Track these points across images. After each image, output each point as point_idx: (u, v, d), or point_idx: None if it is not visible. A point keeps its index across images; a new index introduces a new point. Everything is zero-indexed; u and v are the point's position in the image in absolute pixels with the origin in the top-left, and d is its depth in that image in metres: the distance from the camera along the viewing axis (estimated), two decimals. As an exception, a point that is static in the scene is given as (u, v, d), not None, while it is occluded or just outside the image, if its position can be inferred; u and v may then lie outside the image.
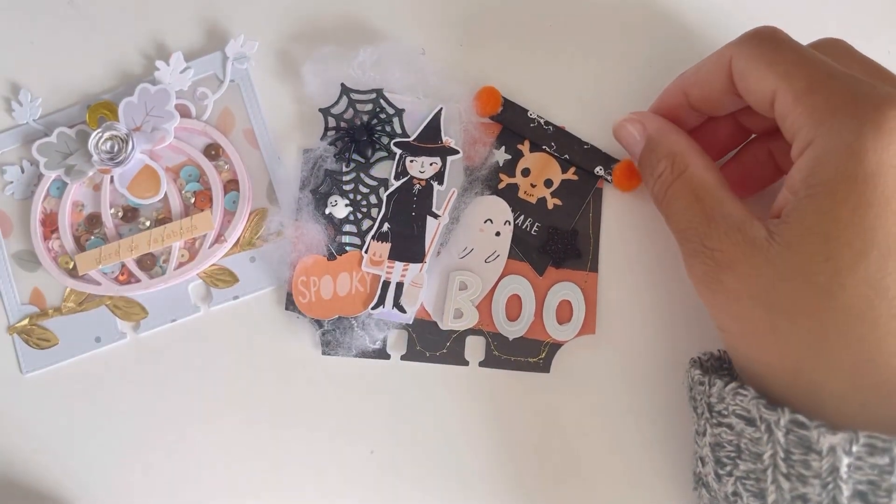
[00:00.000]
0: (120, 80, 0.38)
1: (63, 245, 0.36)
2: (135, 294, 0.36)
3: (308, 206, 0.36)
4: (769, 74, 0.28)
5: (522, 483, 0.35)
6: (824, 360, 0.26)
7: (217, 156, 0.37)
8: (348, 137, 0.36)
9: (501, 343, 0.35)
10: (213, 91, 0.37)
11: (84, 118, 0.37)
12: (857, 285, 0.25)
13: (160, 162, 0.36)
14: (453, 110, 0.36)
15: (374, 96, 0.36)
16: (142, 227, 0.36)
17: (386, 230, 0.35)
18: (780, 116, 0.28)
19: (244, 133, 0.37)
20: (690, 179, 0.30)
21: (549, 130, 0.36)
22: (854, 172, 0.25)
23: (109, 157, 0.35)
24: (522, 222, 0.36)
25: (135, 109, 0.36)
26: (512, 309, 0.35)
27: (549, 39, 0.37)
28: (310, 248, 0.35)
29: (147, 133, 0.36)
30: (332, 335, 0.35)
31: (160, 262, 0.36)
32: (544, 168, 0.36)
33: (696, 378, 0.30)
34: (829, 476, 0.25)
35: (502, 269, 0.36)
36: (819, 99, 0.26)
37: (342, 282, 0.35)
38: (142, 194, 0.36)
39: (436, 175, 0.35)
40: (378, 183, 0.36)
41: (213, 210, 0.36)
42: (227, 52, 0.37)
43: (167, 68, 0.37)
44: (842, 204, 0.25)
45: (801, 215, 0.26)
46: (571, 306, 0.35)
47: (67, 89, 0.38)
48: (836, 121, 0.26)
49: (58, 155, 0.36)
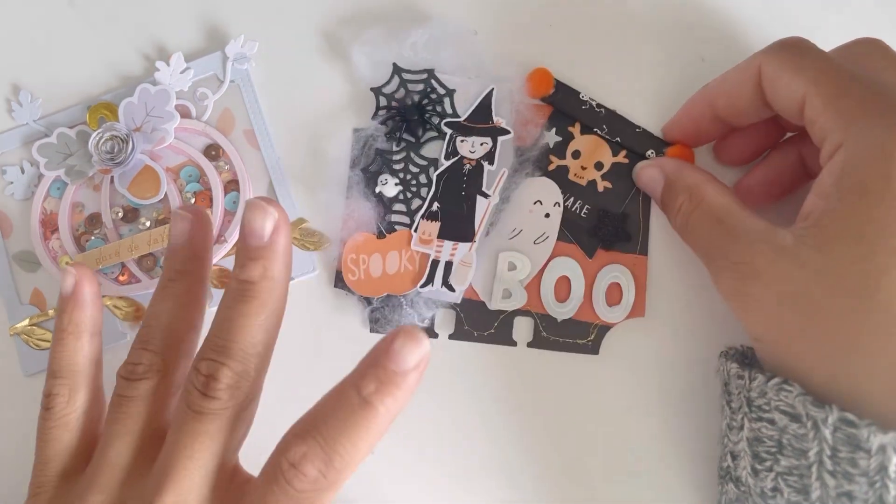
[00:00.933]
0: (120, 80, 0.38)
1: (63, 245, 0.36)
2: (135, 294, 0.36)
3: (358, 185, 0.36)
4: (798, 80, 0.28)
5: (568, 465, 0.35)
6: (861, 362, 0.26)
7: (217, 156, 0.37)
8: (399, 117, 0.36)
9: (550, 324, 0.35)
10: (214, 91, 0.37)
11: (84, 119, 0.37)
12: (894, 285, 0.25)
13: (160, 162, 0.36)
14: (505, 91, 0.36)
15: (426, 76, 0.36)
16: (142, 227, 0.36)
17: (436, 209, 0.35)
18: (810, 121, 0.29)
19: (244, 133, 0.37)
20: (709, 206, 0.31)
21: (600, 113, 0.36)
22: (887, 173, 0.25)
23: (110, 158, 0.35)
24: (572, 204, 0.36)
25: (135, 110, 0.36)
26: (561, 290, 0.35)
27: (605, 25, 0.37)
28: (360, 225, 0.35)
29: (147, 133, 0.36)
30: (381, 313, 0.35)
31: (160, 262, 0.36)
32: (595, 151, 0.36)
33: (733, 372, 0.30)
34: (877, 475, 0.25)
35: (551, 251, 0.35)
36: (848, 102, 0.27)
37: (391, 260, 0.35)
38: (142, 195, 0.36)
39: (486, 155, 0.35)
40: (428, 162, 0.36)
41: (214, 210, 0.36)
42: (228, 53, 0.37)
43: (167, 69, 0.37)
44: (876, 205, 0.25)
45: (833, 217, 0.26)
46: (621, 289, 0.35)
47: (68, 90, 0.38)
48: (867, 123, 0.26)
49: (58, 155, 0.36)
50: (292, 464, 0.25)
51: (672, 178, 0.33)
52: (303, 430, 0.25)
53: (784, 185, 0.35)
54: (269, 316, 0.28)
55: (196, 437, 0.26)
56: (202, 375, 0.26)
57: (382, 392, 0.25)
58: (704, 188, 0.32)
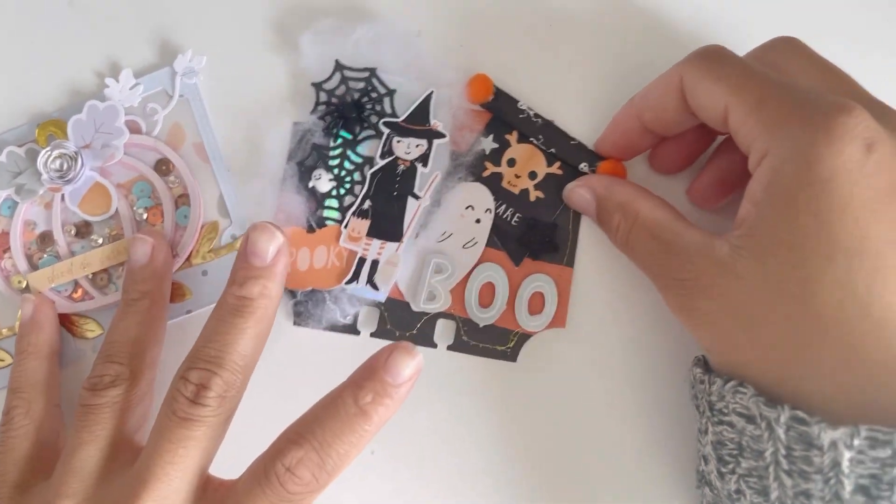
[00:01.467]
0: (70, 97, 0.37)
1: (16, 264, 0.36)
2: (89, 311, 0.36)
3: (292, 178, 0.36)
4: (719, 90, 0.29)
5: (483, 468, 0.35)
6: (806, 366, 0.26)
7: (168, 171, 0.37)
8: (337, 113, 0.36)
9: (471, 329, 0.35)
10: (163, 106, 0.37)
11: (34, 137, 0.37)
12: (827, 290, 0.25)
13: (112, 178, 0.36)
14: (444, 95, 0.36)
15: (368, 75, 0.36)
16: (94, 244, 0.36)
17: (367, 207, 0.35)
18: (734, 130, 0.29)
19: (194, 147, 0.37)
20: (644, 222, 0.32)
21: (537, 123, 0.36)
22: (811, 179, 0.26)
23: (59, 176, 0.35)
24: (503, 212, 0.36)
25: (84, 127, 0.36)
26: (485, 296, 0.35)
27: (547, 35, 0.37)
28: (290, 219, 0.36)
29: (97, 150, 0.36)
30: (304, 306, 0.35)
31: (114, 278, 0.36)
32: (530, 160, 0.36)
33: (697, 376, 0.31)
34: (831, 471, 0.25)
35: (479, 256, 0.36)
36: (770, 111, 0.27)
37: (319, 255, 0.35)
38: (93, 211, 0.36)
39: (421, 157, 0.36)
40: (364, 160, 0.36)
41: (165, 225, 0.36)
42: (176, 68, 0.37)
43: (117, 85, 0.36)
44: (804, 212, 0.26)
45: (765, 226, 0.27)
46: (544, 298, 0.35)
47: (16, 108, 0.37)
48: (789, 130, 0.27)
49: (7, 174, 0.36)
50: (288, 468, 0.26)
51: (603, 197, 0.34)
52: (298, 435, 0.27)
53: (735, 181, 0.35)
54: (262, 332, 0.29)
55: (180, 443, 0.27)
56: (192, 384, 0.28)
57: (377, 402, 0.27)
58: (637, 205, 0.32)
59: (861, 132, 0.25)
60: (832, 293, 0.25)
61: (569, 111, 0.36)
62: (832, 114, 0.26)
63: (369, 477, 0.35)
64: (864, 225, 0.25)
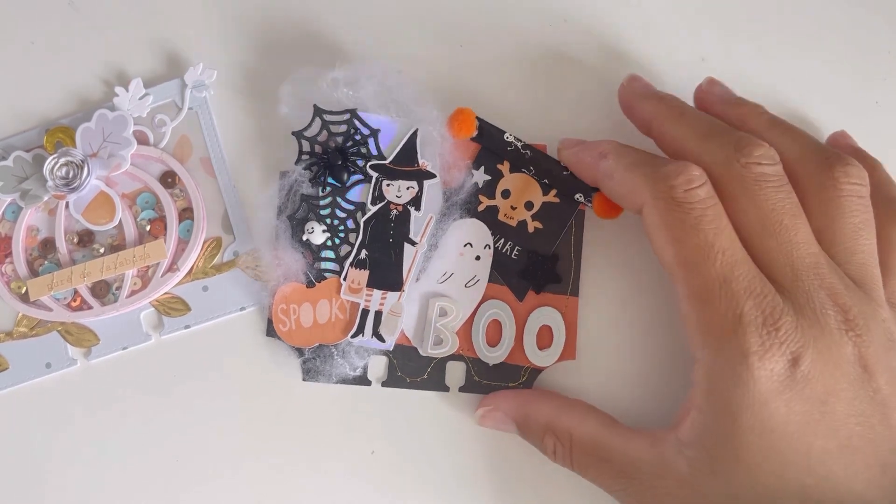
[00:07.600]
0: (79, 104, 0.37)
1: (16, 269, 0.36)
2: (86, 320, 0.36)
3: (285, 233, 0.35)
4: (669, 255, 0.29)
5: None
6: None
7: (173, 183, 0.36)
8: (322, 162, 0.35)
9: (481, 368, 0.35)
10: (172, 118, 0.36)
11: (42, 142, 0.36)
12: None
13: (117, 188, 0.36)
14: (428, 131, 0.35)
15: (348, 117, 0.35)
16: (96, 253, 0.36)
17: (364, 257, 0.35)
18: (680, 298, 0.29)
19: (201, 161, 0.37)
20: (583, 445, 0.31)
21: (526, 154, 0.34)
22: (750, 402, 0.26)
23: (64, 184, 0.35)
24: (503, 246, 0.35)
25: (92, 135, 0.36)
26: (492, 334, 0.35)
27: (531, 63, 0.36)
28: (288, 275, 0.35)
29: (104, 159, 0.35)
30: (313, 363, 0.35)
31: (113, 289, 0.36)
32: (525, 190, 0.35)
33: None
34: None
35: (482, 294, 0.35)
36: (708, 316, 0.28)
37: (322, 309, 0.35)
38: (97, 220, 0.36)
39: (413, 200, 0.35)
40: (355, 207, 0.35)
41: (167, 238, 0.36)
42: (186, 80, 0.36)
43: (126, 94, 0.36)
44: (748, 431, 0.27)
45: (715, 440, 0.27)
46: (552, 332, 0.35)
47: (26, 113, 0.37)
48: (722, 341, 0.27)
49: (13, 179, 0.36)
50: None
51: (522, 420, 0.33)
52: None
53: None
54: None
55: None
56: None
57: None
58: (565, 422, 0.32)
59: (788, 347, 0.26)
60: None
61: (559, 138, 0.35)
62: (758, 331, 0.27)
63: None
64: (808, 441, 0.26)
